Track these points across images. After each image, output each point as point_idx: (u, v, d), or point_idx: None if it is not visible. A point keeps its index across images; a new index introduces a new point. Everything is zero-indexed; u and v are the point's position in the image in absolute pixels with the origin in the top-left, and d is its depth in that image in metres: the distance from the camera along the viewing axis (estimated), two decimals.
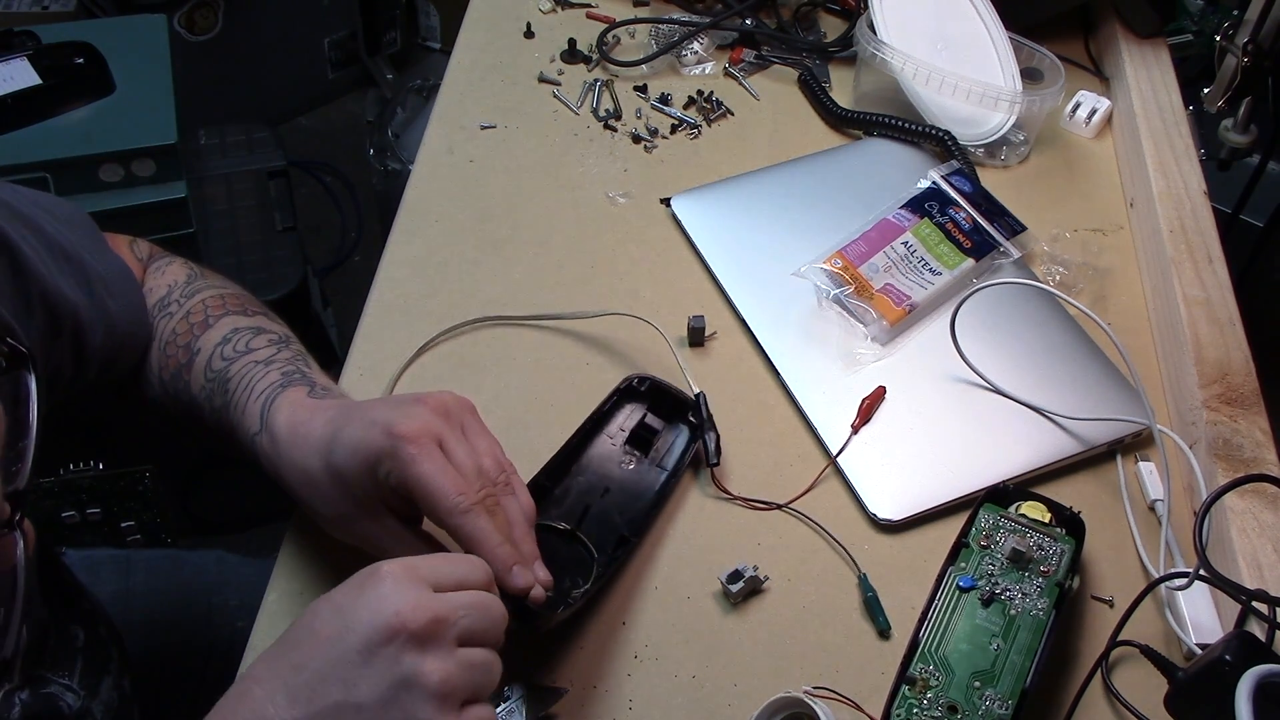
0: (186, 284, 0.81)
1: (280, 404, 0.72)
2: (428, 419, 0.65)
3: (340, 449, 0.66)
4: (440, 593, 0.57)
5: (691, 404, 0.83)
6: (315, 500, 0.69)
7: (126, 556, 1.03)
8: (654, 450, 0.82)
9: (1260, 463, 0.81)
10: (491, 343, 0.91)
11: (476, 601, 0.58)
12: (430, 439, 0.65)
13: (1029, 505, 0.78)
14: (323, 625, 0.57)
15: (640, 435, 0.82)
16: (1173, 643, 0.76)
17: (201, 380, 0.76)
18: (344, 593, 0.58)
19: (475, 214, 1.01)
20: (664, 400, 0.84)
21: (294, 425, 0.70)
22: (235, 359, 0.76)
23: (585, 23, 1.21)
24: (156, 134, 1.45)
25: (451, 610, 0.57)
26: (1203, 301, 0.92)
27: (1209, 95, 1.09)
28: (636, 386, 0.84)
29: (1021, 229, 0.99)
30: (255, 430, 0.72)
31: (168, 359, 0.78)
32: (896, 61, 1.06)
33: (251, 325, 0.78)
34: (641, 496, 0.79)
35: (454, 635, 0.56)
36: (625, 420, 0.83)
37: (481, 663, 0.58)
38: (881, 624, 0.75)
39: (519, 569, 0.64)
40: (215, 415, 0.75)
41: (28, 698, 0.71)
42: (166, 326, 0.79)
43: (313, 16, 2.35)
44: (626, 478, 0.80)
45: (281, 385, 0.73)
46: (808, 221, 0.99)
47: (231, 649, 0.96)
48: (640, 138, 1.09)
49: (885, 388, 0.87)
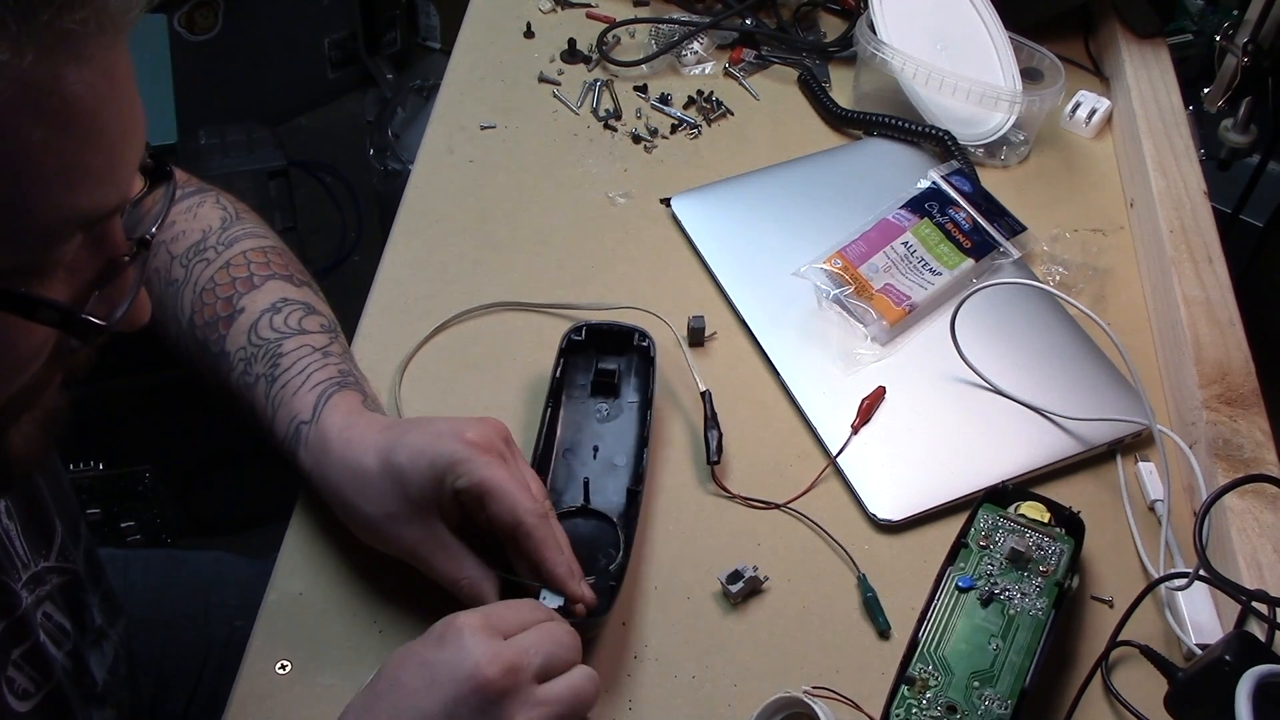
0: (223, 229, 0.81)
1: (337, 402, 0.74)
2: (493, 436, 0.69)
3: (404, 450, 0.69)
4: (510, 638, 0.61)
5: (632, 330, 0.85)
6: (362, 500, 0.70)
7: (124, 555, 1.04)
8: (618, 391, 0.84)
9: (1260, 463, 0.81)
10: (500, 332, 0.91)
11: (545, 635, 0.62)
12: (497, 453, 0.69)
13: (1028, 505, 0.78)
14: (409, 678, 0.60)
15: (602, 381, 0.84)
16: (1173, 643, 0.76)
17: (243, 340, 0.77)
18: (426, 645, 0.61)
19: (475, 214, 1.01)
20: (608, 339, 0.85)
21: (349, 426, 0.72)
22: (289, 335, 0.77)
23: (585, 23, 1.21)
24: (156, 134, 1.45)
25: (523, 654, 0.60)
26: (1203, 301, 0.92)
27: (1209, 95, 1.09)
28: (575, 337, 0.85)
29: (1021, 229, 0.99)
30: (305, 419, 0.73)
31: (204, 305, 0.78)
32: (896, 61, 1.06)
33: (302, 300, 0.80)
34: (627, 437, 0.81)
35: (531, 675, 0.60)
36: (581, 374, 0.84)
37: (564, 694, 0.60)
38: (881, 624, 0.75)
39: (576, 579, 0.68)
40: (245, 380, 0.76)
41: (57, 584, 0.72)
42: (204, 273, 0.79)
43: (313, 16, 2.35)
44: (608, 428, 0.82)
45: (339, 384, 0.75)
46: (808, 221, 0.99)
47: (229, 648, 0.97)
48: (640, 138, 1.09)
49: (885, 388, 0.87)
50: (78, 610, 0.75)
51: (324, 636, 0.73)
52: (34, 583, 0.70)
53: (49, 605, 0.71)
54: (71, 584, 0.75)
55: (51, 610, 0.71)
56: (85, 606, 0.76)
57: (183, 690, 0.98)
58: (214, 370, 0.78)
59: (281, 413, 0.74)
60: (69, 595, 0.74)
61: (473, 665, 0.58)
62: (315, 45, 2.40)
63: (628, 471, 0.80)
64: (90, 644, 0.77)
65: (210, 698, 0.97)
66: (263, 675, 0.71)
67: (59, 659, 0.71)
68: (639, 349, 0.85)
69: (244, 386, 0.76)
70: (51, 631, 0.71)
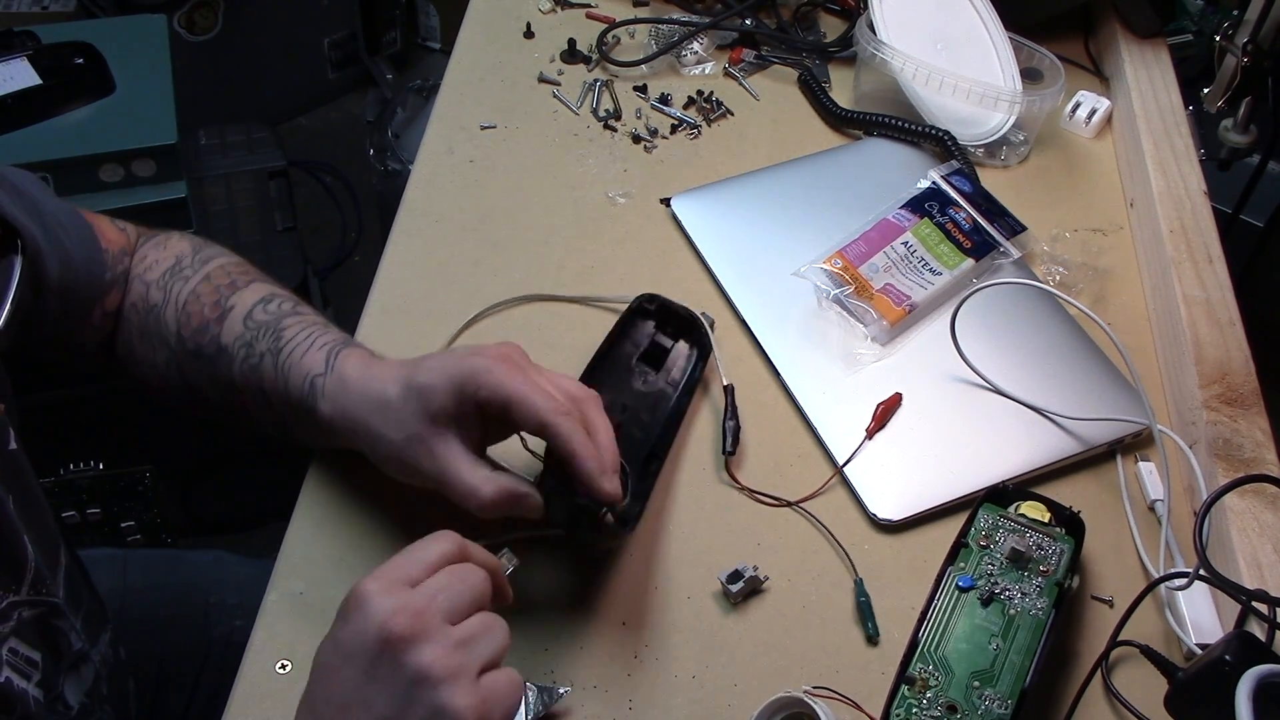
0: (194, 253, 0.83)
1: (349, 353, 0.75)
2: (510, 351, 0.71)
3: (423, 372, 0.70)
4: (416, 586, 0.60)
5: (697, 322, 0.88)
6: (384, 426, 0.71)
7: (124, 555, 1.04)
8: (664, 368, 0.86)
9: (1260, 463, 0.81)
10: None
11: (451, 578, 0.61)
12: (514, 364, 0.70)
13: (1028, 505, 0.78)
14: (329, 659, 0.60)
15: (652, 353, 0.87)
16: (1173, 643, 0.76)
17: (240, 329, 0.77)
18: (337, 625, 0.60)
19: (475, 214, 1.01)
20: (671, 319, 0.88)
21: (368, 366, 0.74)
22: (286, 315, 0.78)
23: (585, 23, 1.21)
24: (156, 134, 1.45)
25: (428, 599, 0.59)
26: (1203, 301, 0.92)
27: (1209, 95, 1.09)
28: (646, 305, 0.88)
29: (1021, 229, 0.99)
30: (319, 372, 0.74)
31: (190, 315, 0.79)
32: (896, 61, 1.06)
33: (289, 294, 0.81)
34: (657, 412, 0.83)
35: (440, 619, 0.59)
36: (637, 338, 0.87)
37: (477, 631, 0.60)
38: (870, 630, 0.75)
39: (607, 476, 0.68)
40: (248, 363, 0.77)
41: (28, 616, 0.72)
42: (184, 288, 0.80)
43: (313, 16, 2.35)
44: (641, 394, 0.84)
45: (344, 343, 0.77)
46: (808, 221, 0.99)
47: (229, 648, 0.97)
48: (640, 138, 1.09)
49: (901, 394, 0.87)
50: (53, 638, 0.75)
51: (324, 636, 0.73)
52: None
53: (14, 640, 0.70)
54: (45, 615, 0.74)
55: (18, 645, 0.70)
56: (61, 634, 0.76)
57: (183, 690, 0.98)
58: (213, 373, 0.78)
59: (294, 374, 0.75)
60: (42, 626, 0.73)
61: (377, 625, 0.57)
62: (315, 45, 2.40)
63: (652, 438, 0.81)
64: (67, 669, 0.76)
65: (210, 698, 0.97)
66: (263, 675, 0.71)
67: (29, 690, 0.71)
68: (697, 342, 0.87)
69: (248, 370, 0.77)
70: (18, 665, 0.70)
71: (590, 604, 0.75)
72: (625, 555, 0.78)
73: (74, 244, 0.78)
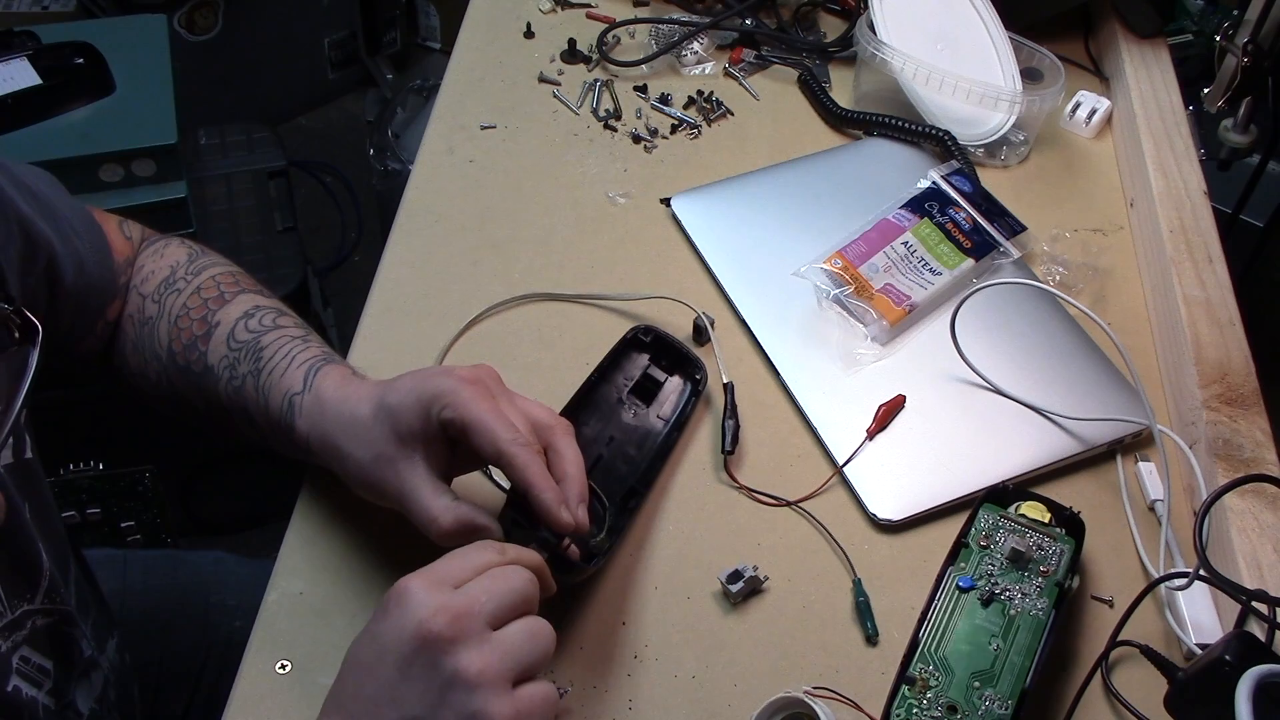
0: (189, 262, 0.83)
1: (328, 371, 0.75)
2: (481, 375, 0.69)
3: (394, 391, 0.69)
4: (460, 588, 0.59)
5: (692, 359, 0.86)
6: (354, 445, 0.70)
7: (124, 556, 1.04)
8: (655, 401, 0.84)
9: (1260, 463, 0.81)
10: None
11: (495, 582, 0.60)
12: (484, 388, 0.68)
13: (1029, 505, 0.78)
14: (364, 654, 0.59)
15: (644, 386, 0.85)
16: (1173, 643, 0.76)
17: (224, 350, 0.77)
18: (376, 619, 0.60)
19: (475, 214, 1.01)
20: (667, 353, 0.86)
21: (344, 384, 0.73)
22: (266, 331, 0.78)
23: (585, 23, 1.21)
24: (156, 134, 1.45)
25: (472, 600, 0.58)
26: (1203, 301, 0.92)
27: (1209, 95, 1.09)
28: (641, 337, 0.86)
29: (1021, 229, 0.99)
30: (297, 390, 0.74)
31: (180, 331, 0.79)
32: (896, 61, 1.06)
33: (273, 305, 0.81)
34: (644, 447, 0.82)
35: (483, 622, 0.58)
36: (630, 370, 0.85)
37: (519, 637, 0.59)
38: (869, 630, 0.75)
39: (565, 509, 0.66)
40: (232, 385, 0.76)
41: (41, 625, 0.72)
42: (176, 302, 0.80)
43: (313, 16, 2.35)
44: (629, 427, 0.82)
45: (325, 360, 0.76)
46: (808, 221, 0.99)
47: (229, 649, 0.97)
48: (640, 138, 1.09)
49: (905, 396, 0.86)
50: (65, 646, 0.75)
51: (324, 636, 0.73)
52: (11, 629, 0.69)
53: (27, 649, 0.70)
54: (58, 623, 0.74)
55: (30, 653, 0.71)
56: (73, 642, 0.76)
57: (183, 690, 0.98)
58: (202, 391, 0.78)
59: (273, 395, 0.74)
60: (54, 634, 0.73)
61: (416, 623, 0.57)
62: (315, 45, 2.40)
63: (636, 472, 0.80)
64: (78, 677, 0.76)
65: (210, 698, 0.97)
66: (263, 675, 0.71)
67: (39, 698, 0.71)
68: (690, 379, 0.85)
69: (232, 392, 0.76)
70: (29, 673, 0.70)
71: (590, 604, 0.75)
72: (625, 555, 0.78)
73: (87, 250, 0.78)
